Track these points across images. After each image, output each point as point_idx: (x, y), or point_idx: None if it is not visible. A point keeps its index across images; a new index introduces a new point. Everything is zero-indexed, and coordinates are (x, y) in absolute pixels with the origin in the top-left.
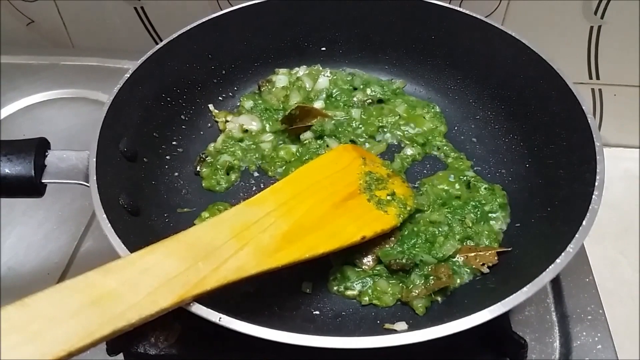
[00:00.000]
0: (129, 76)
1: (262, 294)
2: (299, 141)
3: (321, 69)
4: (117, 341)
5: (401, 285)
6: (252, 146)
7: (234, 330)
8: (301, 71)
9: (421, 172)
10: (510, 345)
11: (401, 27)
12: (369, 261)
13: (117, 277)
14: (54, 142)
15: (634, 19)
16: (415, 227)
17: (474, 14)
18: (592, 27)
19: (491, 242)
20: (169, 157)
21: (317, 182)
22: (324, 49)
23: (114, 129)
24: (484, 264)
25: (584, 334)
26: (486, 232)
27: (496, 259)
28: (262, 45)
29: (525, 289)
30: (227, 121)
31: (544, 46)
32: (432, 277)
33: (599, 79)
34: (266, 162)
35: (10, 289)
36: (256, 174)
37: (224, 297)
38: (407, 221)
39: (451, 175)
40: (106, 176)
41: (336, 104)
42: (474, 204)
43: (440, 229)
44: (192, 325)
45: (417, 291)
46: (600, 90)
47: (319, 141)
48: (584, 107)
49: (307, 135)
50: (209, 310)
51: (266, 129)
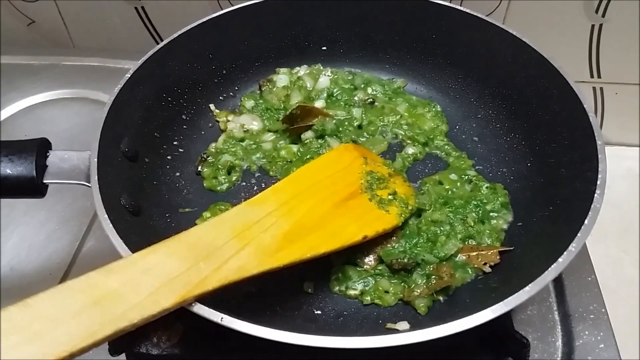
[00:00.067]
0: (129, 76)
1: (263, 293)
2: (300, 141)
3: (322, 68)
4: (119, 341)
5: (403, 284)
6: (253, 146)
7: (236, 330)
8: (302, 71)
9: (422, 171)
10: (512, 344)
11: (402, 26)
12: (370, 261)
13: (118, 278)
14: (55, 142)
15: (635, 17)
16: (416, 227)
17: (474, 13)
18: (593, 26)
19: (493, 241)
20: (170, 157)
21: (318, 182)
22: (324, 48)
23: (115, 129)
24: (485, 263)
25: (587, 333)
26: (488, 231)
27: (498, 258)
28: (262, 44)
29: (527, 288)
30: (228, 121)
31: (545, 45)
32: (434, 277)
33: (600, 77)
34: (267, 162)
35: (12, 289)
36: (257, 174)
37: (225, 297)
38: (408, 220)
39: (453, 174)
40: (107, 176)
41: (337, 103)
42: (475, 203)
43: (442, 228)
44: (194, 325)
45: (419, 291)
46: (601, 88)
47: (320, 141)
48: (585, 106)
49: (308, 134)
50: (211, 310)
51: (267, 128)
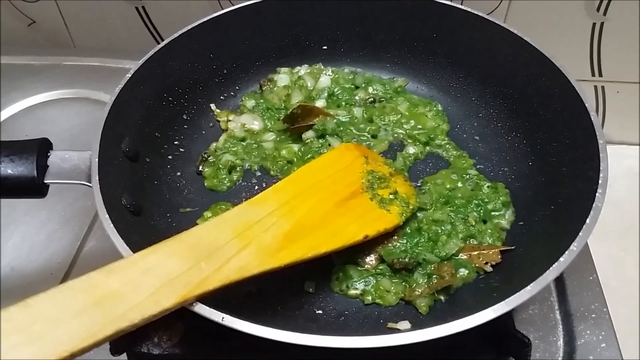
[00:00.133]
0: (130, 76)
1: (264, 293)
2: (300, 140)
3: (323, 67)
4: (120, 341)
5: (404, 284)
6: (254, 145)
7: (237, 330)
8: (303, 70)
9: (424, 170)
10: (514, 344)
11: (402, 25)
12: (371, 260)
13: (119, 278)
14: (55, 142)
15: (636, 15)
16: (418, 226)
17: (475, 12)
18: (594, 24)
19: (494, 240)
20: (171, 157)
21: (319, 181)
22: (325, 47)
23: (115, 129)
24: (487, 263)
25: (588, 332)
26: (489, 231)
27: (499, 257)
28: (263, 44)
29: (529, 287)
30: (229, 120)
31: (546, 43)
32: (435, 276)
33: (601, 76)
34: (268, 162)
35: (13, 289)
36: (258, 174)
37: (226, 296)
38: (409, 220)
39: (454, 173)
40: (108, 176)
41: (338, 102)
42: (476, 202)
43: (443, 228)
44: (195, 325)
45: (420, 290)
46: (603, 87)
47: (320, 140)
48: (586, 105)
49: (309, 134)
50: (212, 310)
51: (268, 128)
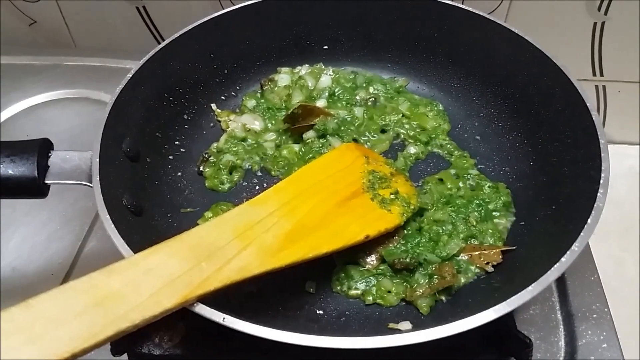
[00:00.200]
0: (131, 76)
1: (265, 294)
2: (301, 140)
3: (323, 67)
4: (121, 341)
5: (405, 284)
6: (255, 145)
7: (238, 330)
8: (303, 70)
9: (425, 170)
10: (515, 344)
11: (403, 24)
12: (372, 260)
13: (120, 278)
14: (56, 142)
15: (637, 15)
16: (419, 226)
17: (476, 11)
18: (595, 24)
19: (495, 240)
20: (171, 157)
21: (320, 181)
22: (326, 47)
23: (116, 129)
24: (488, 263)
25: (589, 332)
26: (490, 231)
27: (500, 257)
28: (264, 44)
29: (530, 288)
30: (229, 120)
31: (547, 43)
32: (436, 276)
33: (602, 75)
34: (269, 162)
35: (14, 290)
36: (259, 174)
37: (227, 297)
38: (410, 220)
39: (455, 173)
40: (109, 176)
41: (339, 102)
42: (477, 202)
43: (444, 228)
44: (196, 325)
45: (421, 290)
46: (604, 87)
47: (321, 140)
48: (588, 104)
49: (310, 134)
50: (213, 310)
51: (269, 128)
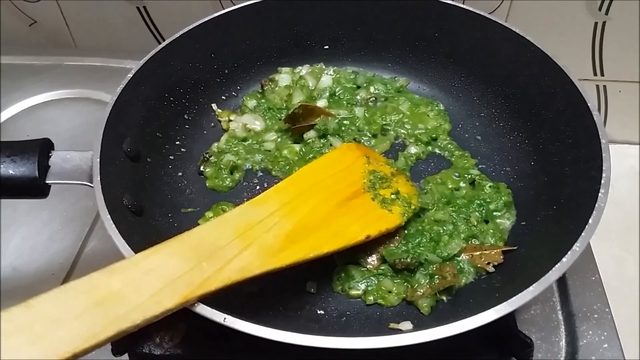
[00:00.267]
0: (131, 76)
1: (266, 294)
2: (302, 140)
3: (324, 67)
4: (121, 341)
5: (406, 284)
6: (256, 145)
7: (239, 330)
8: (304, 70)
9: (425, 170)
10: (516, 344)
11: (404, 24)
12: (373, 260)
13: (121, 278)
14: (57, 142)
15: (638, 15)
16: (419, 226)
17: (477, 11)
18: (596, 24)
19: (496, 240)
20: (172, 157)
21: (320, 181)
22: (326, 47)
23: (117, 129)
24: (489, 263)
25: (590, 332)
26: (491, 231)
27: (501, 257)
28: (264, 44)
29: (531, 288)
30: (230, 120)
31: (548, 43)
32: (437, 276)
33: (603, 75)
34: (269, 162)
35: (14, 290)
36: (260, 174)
37: (228, 297)
38: (411, 220)
39: (456, 173)
40: (110, 176)
41: (339, 102)
42: (478, 202)
43: (445, 228)
44: (197, 325)
45: (422, 290)
46: (604, 86)
47: (322, 140)
48: (589, 104)
49: (311, 134)
50: (214, 310)
51: (269, 128)
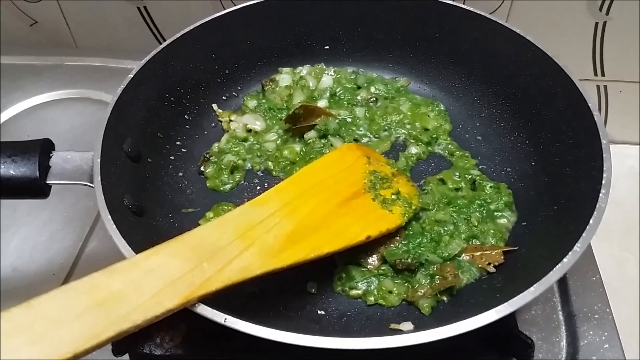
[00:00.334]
0: (132, 76)
1: (267, 294)
2: (303, 140)
3: (325, 67)
4: (122, 342)
5: (407, 284)
6: (256, 146)
7: (239, 331)
8: (305, 70)
9: (426, 170)
10: (516, 345)
11: (404, 24)
12: (374, 261)
13: (122, 279)
14: (57, 142)
15: (639, 15)
16: (420, 226)
17: (478, 11)
18: (597, 24)
19: (497, 241)
20: (173, 157)
21: (321, 182)
22: (327, 47)
23: (117, 129)
24: (490, 263)
25: (591, 333)
26: (492, 231)
27: (502, 258)
28: (265, 44)
29: (532, 288)
30: (230, 121)
31: (549, 43)
32: (437, 277)
33: (604, 75)
34: (270, 162)
35: (15, 290)
36: (260, 174)
37: (229, 297)
38: (412, 220)
39: (456, 173)
40: (110, 177)
41: (340, 102)
42: (479, 202)
43: (445, 228)
44: (198, 325)
45: (422, 291)
46: (605, 87)
47: (323, 140)
48: (590, 104)
49: (311, 134)
50: (214, 311)
51: (270, 128)
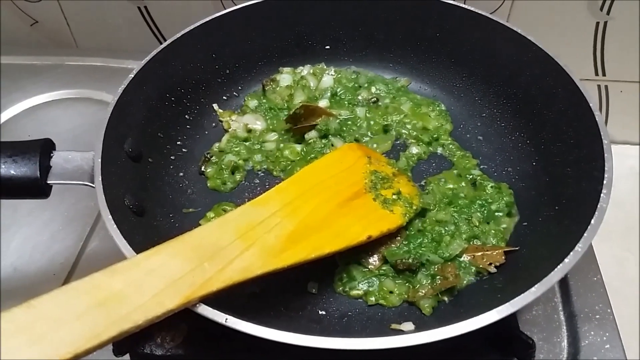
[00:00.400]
0: (133, 76)
1: (267, 294)
2: (303, 140)
3: (325, 67)
4: (123, 342)
5: (407, 285)
6: (257, 146)
7: (240, 331)
8: (305, 70)
9: (427, 170)
10: (517, 345)
11: (405, 24)
12: (375, 261)
13: (122, 279)
14: (58, 142)
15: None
16: (421, 227)
17: (478, 11)
18: (597, 23)
19: (498, 241)
20: (173, 157)
21: (322, 182)
22: (328, 47)
23: (118, 129)
24: (491, 264)
25: (592, 333)
26: (493, 231)
27: (503, 258)
28: (266, 44)
29: (533, 289)
30: (231, 121)
31: (550, 43)
32: (438, 277)
33: (605, 75)
34: (271, 162)
35: (15, 290)
36: (261, 174)
37: (229, 297)
38: (413, 220)
39: (457, 173)
40: (111, 177)
41: (341, 102)
42: (480, 202)
43: (446, 228)
44: (198, 326)
45: (423, 291)
46: (606, 86)
47: (323, 140)
48: (591, 104)
49: (312, 134)
50: (215, 311)
51: (271, 128)
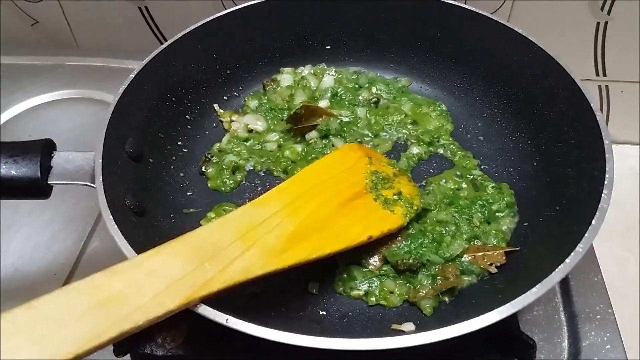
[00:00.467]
0: (134, 76)
1: (268, 294)
2: (304, 141)
3: (326, 67)
4: (123, 342)
5: (408, 285)
6: (258, 146)
7: (241, 331)
8: (306, 70)
9: (427, 171)
10: (518, 345)
11: (406, 24)
12: (375, 261)
13: (123, 279)
14: (59, 142)
15: None
16: (422, 227)
17: (479, 11)
18: (598, 24)
19: (499, 241)
20: (174, 158)
21: (322, 182)
22: (328, 47)
23: (119, 129)
24: (491, 264)
25: (593, 333)
26: (494, 232)
27: (504, 258)
28: (266, 44)
29: (534, 289)
30: (232, 121)
31: (550, 43)
32: (439, 277)
33: (605, 75)
34: (271, 162)
35: (16, 290)
36: (262, 174)
37: (230, 298)
38: (413, 221)
39: (458, 174)
40: (112, 177)
41: (341, 102)
42: (481, 203)
43: (447, 229)
44: (199, 326)
45: (424, 291)
46: (607, 87)
47: (324, 140)
48: (592, 105)
49: (313, 134)
50: (216, 311)
51: (271, 128)
